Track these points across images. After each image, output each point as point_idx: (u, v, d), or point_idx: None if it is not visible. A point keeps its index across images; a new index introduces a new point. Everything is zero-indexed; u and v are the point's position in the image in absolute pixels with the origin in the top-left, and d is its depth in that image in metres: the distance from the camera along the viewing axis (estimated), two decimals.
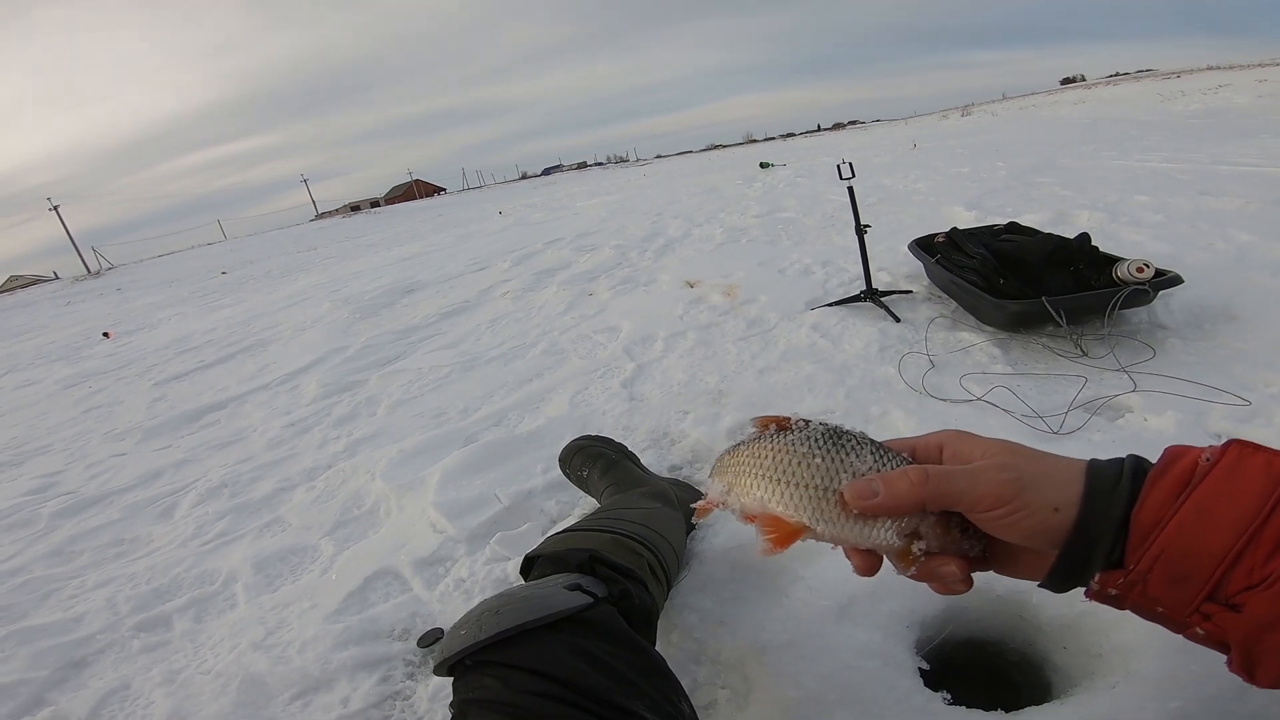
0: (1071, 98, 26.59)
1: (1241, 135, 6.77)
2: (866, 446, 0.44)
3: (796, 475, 0.43)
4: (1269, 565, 0.36)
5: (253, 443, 2.26)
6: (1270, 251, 2.29)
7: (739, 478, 0.45)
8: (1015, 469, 0.41)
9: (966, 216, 3.71)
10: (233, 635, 1.18)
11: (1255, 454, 0.38)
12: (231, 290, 7.90)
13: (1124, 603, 0.41)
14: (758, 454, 0.45)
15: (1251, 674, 0.38)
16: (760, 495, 0.44)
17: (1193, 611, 0.38)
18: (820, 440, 0.44)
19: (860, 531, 0.43)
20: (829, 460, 0.43)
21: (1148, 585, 0.39)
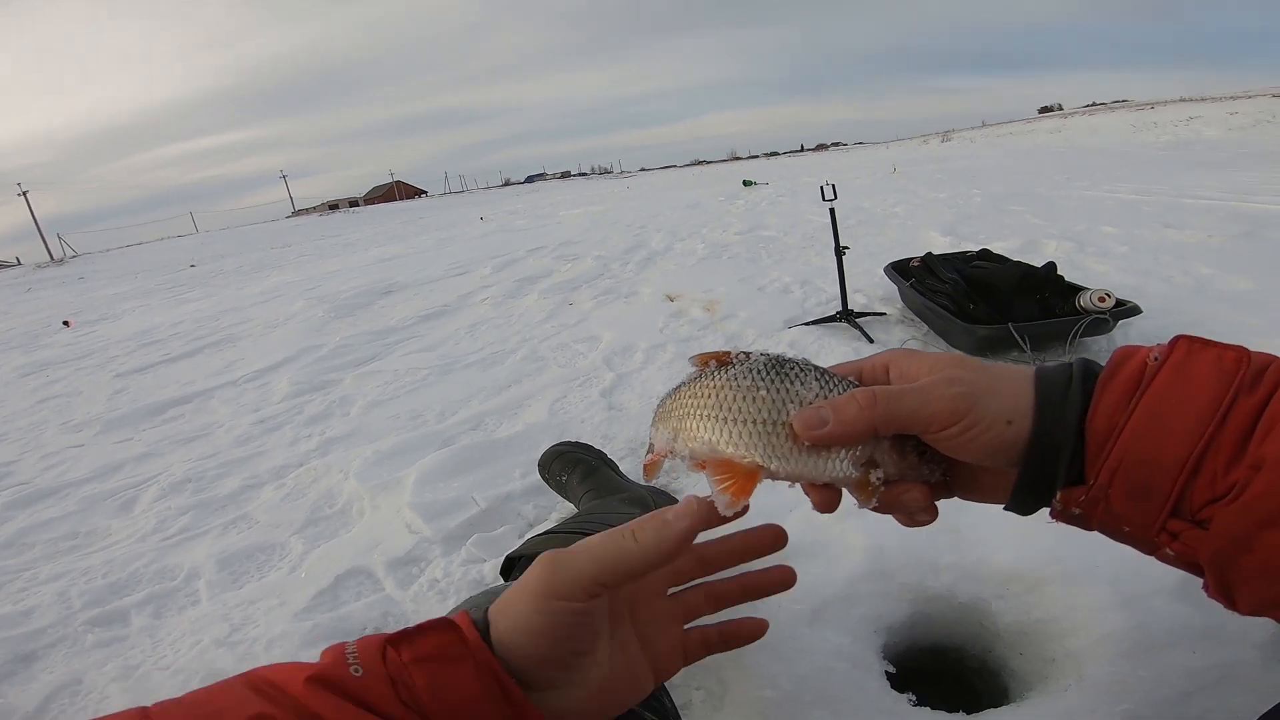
0: (1048, 126, 27.50)
1: (1208, 168, 7.10)
2: (811, 373, 0.41)
3: (742, 411, 0.40)
4: (1231, 473, 0.33)
5: (219, 439, 2.21)
6: (1229, 284, 2.40)
7: (684, 421, 0.42)
8: (964, 382, 0.38)
9: (942, 242, 3.82)
10: (194, 632, 1.16)
11: (1204, 349, 0.36)
12: (200, 284, 7.73)
13: (1090, 522, 0.38)
14: (699, 393, 0.42)
15: (1230, 599, 0.35)
16: (708, 437, 0.40)
17: (1159, 530, 0.35)
18: (763, 372, 0.41)
19: (815, 465, 0.40)
20: (774, 391, 0.40)
21: (1110, 501, 0.36)
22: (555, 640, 0.37)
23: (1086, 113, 36.24)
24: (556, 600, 0.36)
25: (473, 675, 0.36)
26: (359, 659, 0.36)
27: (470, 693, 0.35)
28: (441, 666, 0.36)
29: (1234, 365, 0.34)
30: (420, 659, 0.36)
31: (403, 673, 0.36)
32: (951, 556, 0.96)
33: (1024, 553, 0.91)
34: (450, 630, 0.37)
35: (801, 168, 20.11)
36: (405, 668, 0.36)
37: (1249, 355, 0.35)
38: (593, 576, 0.37)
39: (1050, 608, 0.84)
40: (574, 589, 0.36)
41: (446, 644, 0.36)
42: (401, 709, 0.35)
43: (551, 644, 0.37)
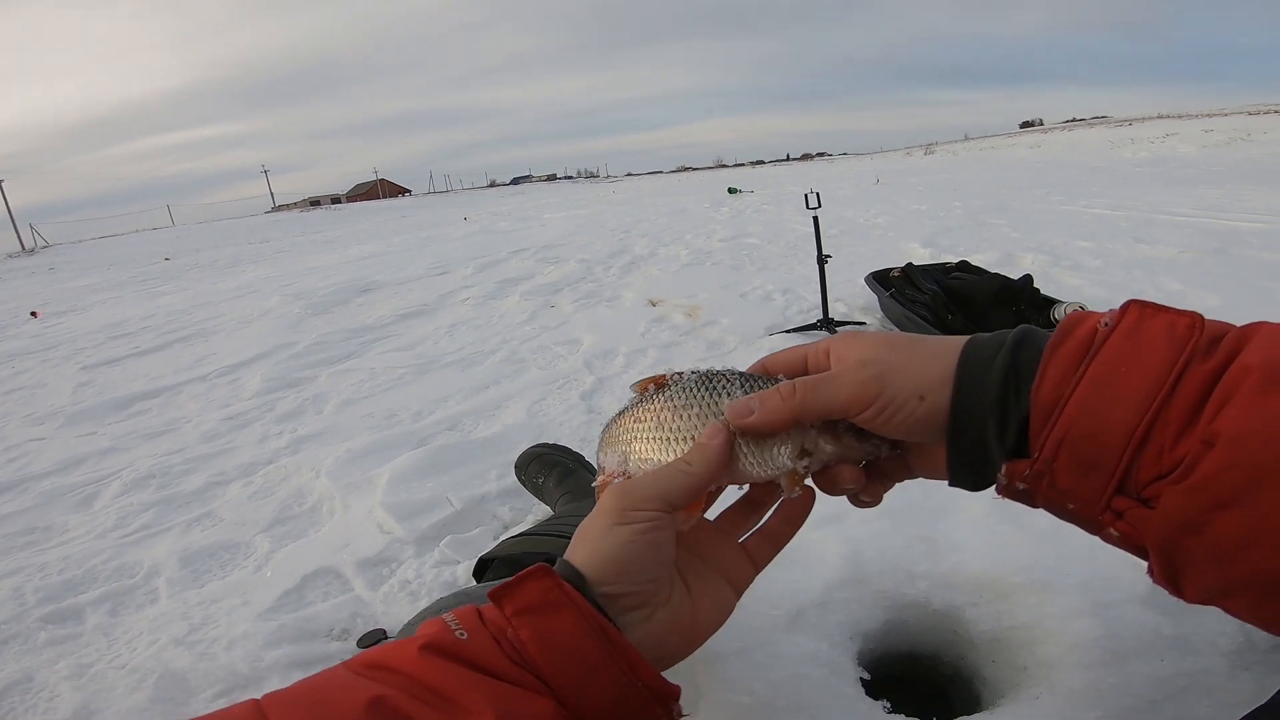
0: (1029, 141, 28.10)
1: (1182, 185, 7.29)
2: (736, 381, 0.44)
3: (680, 428, 0.43)
4: (1178, 447, 0.30)
5: (186, 434, 2.16)
6: (1198, 300, 2.46)
7: (631, 445, 0.45)
8: (876, 364, 0.38)
9: (922, 253, 3.87)
10: (152, 630, 1.12)
11: (1156, 314, 0.34)
12: (174, 277, 7.57)
13: (1035, 498, 0.36)
14: (642, 417, 0.45)
15: (1177, 586, 0.33)
16: (654, 457, 0.44)
17: (1104, 508, 0.33)
18: (694, 388, 0.44)
19: (754, 465, 0.42)
20: (705, 405, 0.43)
21: (1055, 476, 0.34)
22: (637, 549, 0.39)
23: (1066, 128, 37.18)
24: (629, 518, 0.40)
25: (575, 619, 0.37)
26: (460, 623, 0.38)
27: (574, 638, 0.36)
28: (544, 616, 0.37)
29: (1186, 331, 0.32)
30: (522, 610, 0.37)
31: (505, 628, 0.37)
32: (927, 564, 0.97)
33: (998, 560, 0.91)
34: (548, 576, 0.38)
35: (787, 177, 20.30)
36: (508, 622, 0.37)
37: (1203, 321, 0.33)
38: (659, 495, 0.41)
39: (1022, 615, 0.84)
40: (642, 503, 0.40)
41: (547, 590, 0.38)
42: (511, 666, 0.36)
43: (634, 552, 0.39)
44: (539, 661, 0.36)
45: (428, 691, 0.34)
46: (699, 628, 0.43)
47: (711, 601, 0.44)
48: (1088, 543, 1.04)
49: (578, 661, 0.36)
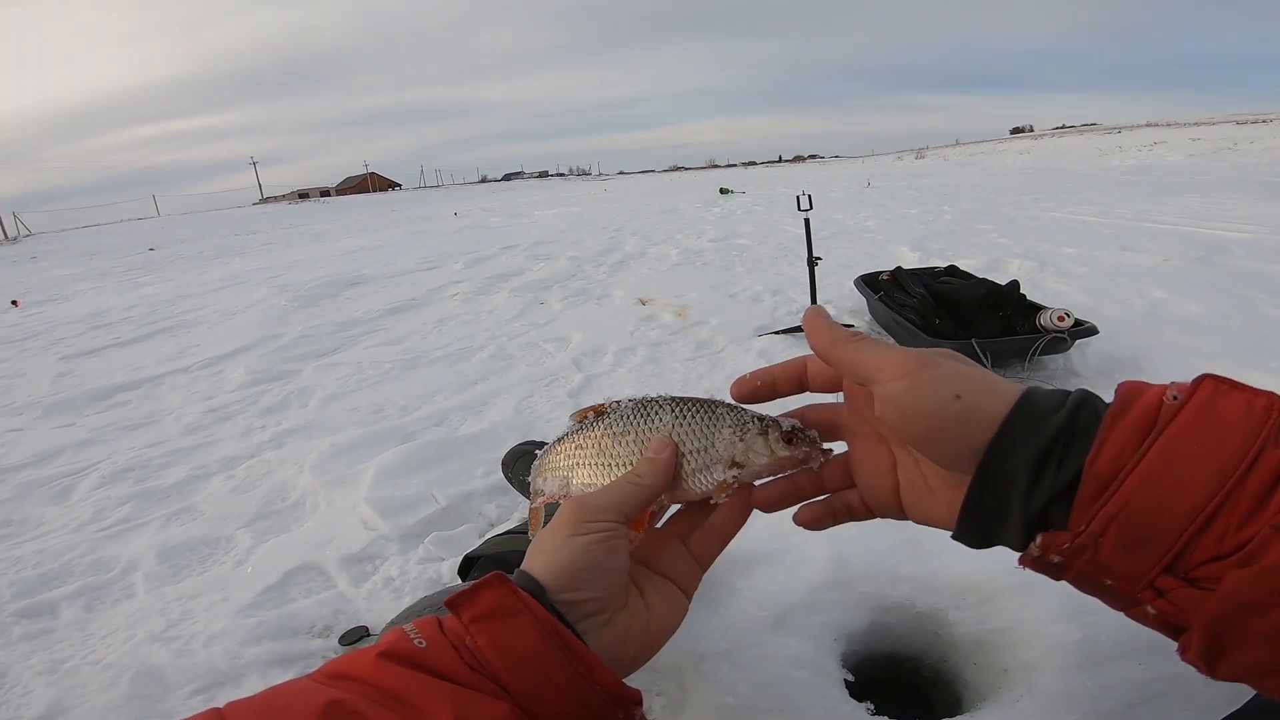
0: (1019, 147, 28.34)
1: (1168, 193, 7.39)
2: (667, 407, 0.46)
3: (619, 454, 0.46)
4: (1245, 529, 0.29)
5: (167, 426, 2.13)
6: (1180, 308, 2.49)
7: (572, 471, 0.48)
8: (934, 354, 0.38)
9: (911, 257, 3.90)
10: (128, 626, 1.10)
11: (1232, 391, 0.32)
12: (158, 268, 7.47)
13: (1066, 572, 0.34)
14: (583, 444, 0.48)
15: (1213, 664, 0.32)
16: (595, 482, 0.47)
17: (1146, 586, 0.32)
18: (630, 415, 0.47)
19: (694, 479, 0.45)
20: (640, 431, 0.46)
21: (1099, 551, 0.32)
22: (594, 558, 0.41)
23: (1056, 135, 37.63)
24: (586, 528, 0.42)
25: (532, 625, 0.37)
26: (419, 633, 0.38)
27: (531, 644, 0.37)
28: (500, 622, 0.37)
29: (1264, 412, 0.31)
30: (478, 618, 0.38)
31: (463, 636, 0.37)
32: (910, 567, 0.97)
33: (980, 563, 0.92)
34: (504, 584, 0.39)
35: (778, 178, 20.37)
36: (465, 630, 0.38)
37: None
38: (614, 505, 0.43)
39: (1004, 618, 0.85)
40: (598, 514, 0.42)
41: (503, 598, 0.38)
42: (469, 673, 0.36)
43: (591, 561, 0.41)
44: (497, 667, 0.36)
45: (386, 696, 0.35)
46: (655, 632, 0.44)
47: (664, 605, 0.45)
48: None
49: (535, 667, 0.36)
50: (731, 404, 0.47)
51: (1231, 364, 1.85)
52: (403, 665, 0.36)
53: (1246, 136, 18.96)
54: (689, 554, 0.48)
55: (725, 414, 0.45)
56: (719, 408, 0.46)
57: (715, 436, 0.45)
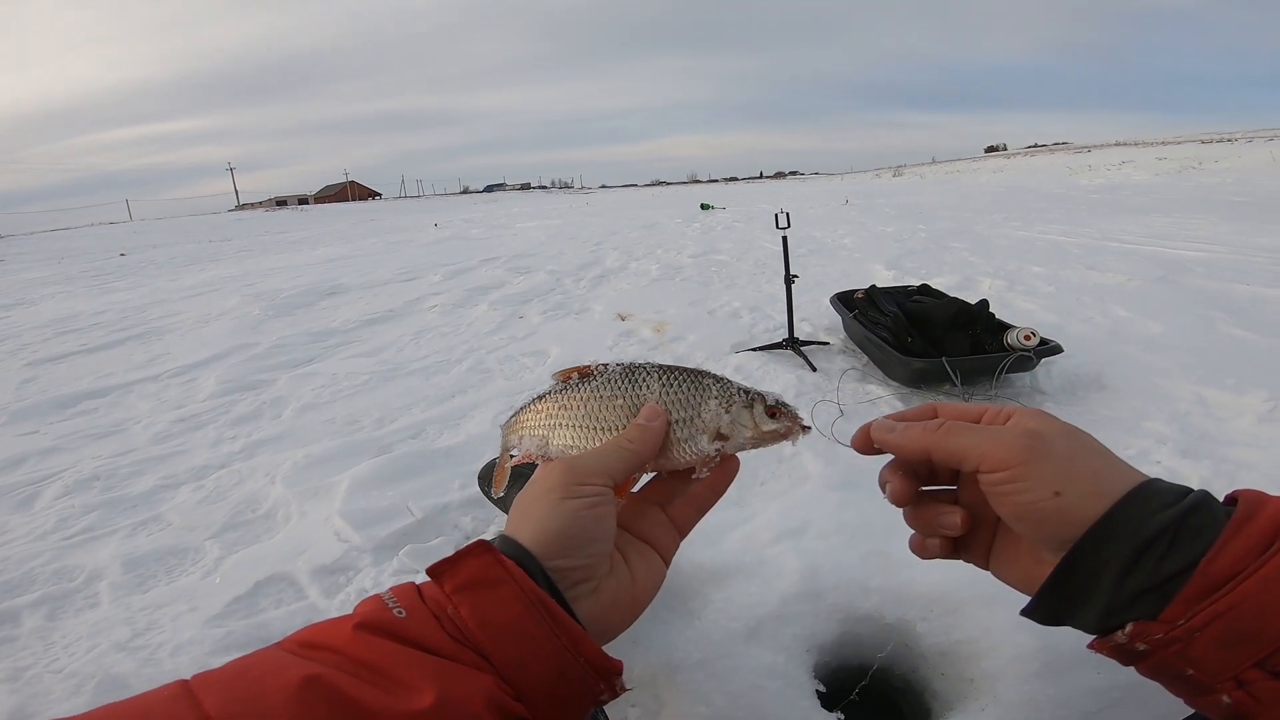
0: (992, 165, 29.02)
1: (1134, 212, 7.62)
2: (654, 375, 0.47)
3: (605, 417, 0.46)
4: None
5: (135, 435, 2.09)
6: (1141, 327, 2.58)
7: (554, 431, 0.47)
8: (1040, 437, 0.38)
9: (886, 275, 3.98)
10: (91, 635, 1.08)
11: None
12: (129, 273, 7.32)
13: (1145, 659, 0.36)
14: (567, 405, 0.47)
15: None
16: (579, 444, 0.46)
17: (1230, 678, 0.33)
18: (619, 380, 0.47)
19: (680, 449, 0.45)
20: (629, 397, 0.46)
21: (1193, 644, 0.33)
22: (585, 523, 0.40)
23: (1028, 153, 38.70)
24: (577, 492, 0.41)
25: (514, 595, 0.36)
26: (399, 601, 0.37)
27: (515, 614, 0.36)
28: (483, 592, 0.36)
29: None
30: (461, 587, 0.37)
31: (445, 605, 0.36)
32: (880, 579, 0.99)
33: (947, 576, 0.94)
34: (488, 552, 0.38)
35: (759, 194, 20.64)
36: (448, 599, 0.36)
37: None
38: (604, 470, 0.43)
39: (969, 629, 0.87)
40: (589, 478, 0.42)
41: (486, 567, 0.37)
42: (451, 643, 0.35)
43: (582, 527, 0.40)
44: (479, 638, 0.35)
45: (364, 669, 0.34)
46: (638, 597, 0.44)
47: (645, 570, 0.45)
48: None
49: (518, 637, 0.36)
50: (717, 375, 0.47)
51: (1189, 381, 1.92)
52: (381, 636, 0.35)
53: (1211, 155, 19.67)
54: (668, 521, 0.48)
55: (712, 385, 0.46)
56: (706, 378, 0.46)
57: (702, 407, 0.45)
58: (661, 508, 0.48)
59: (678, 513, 0.48)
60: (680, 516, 0.48)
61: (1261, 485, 1.20)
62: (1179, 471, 1.44)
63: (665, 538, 0.47)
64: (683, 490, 0.48)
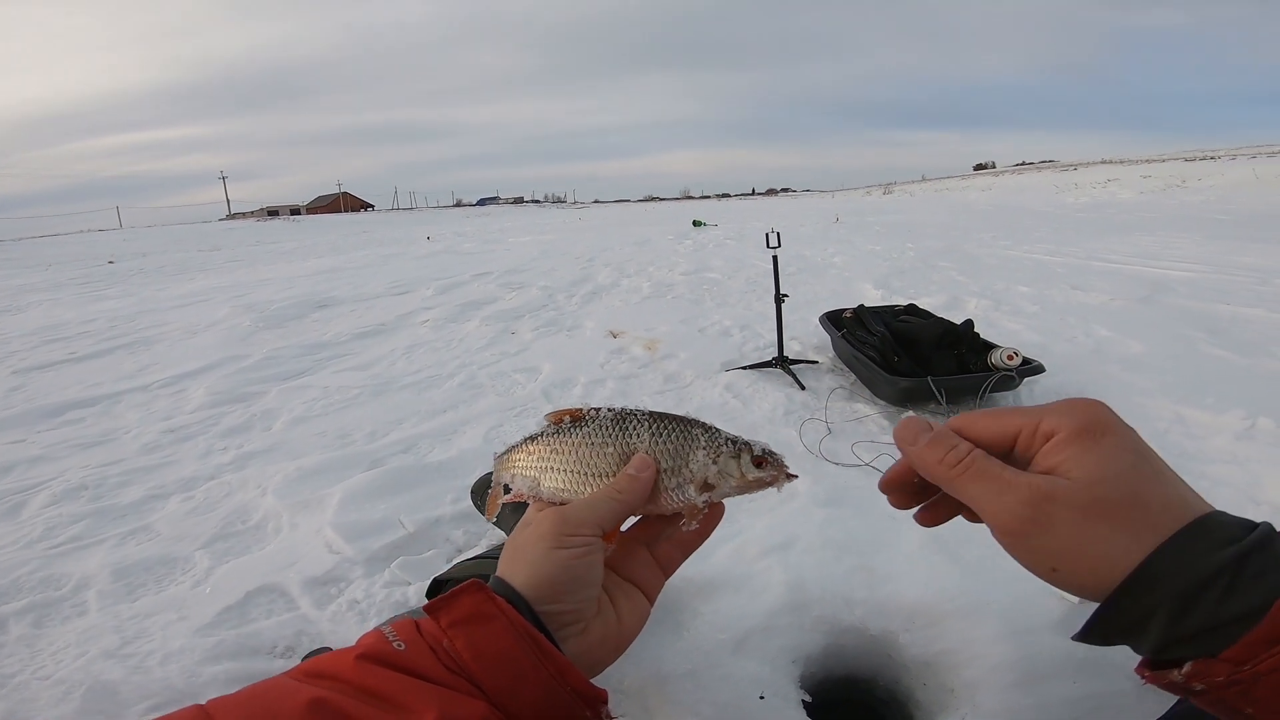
0: (981, 184, 29.41)
1: (1119, 231, 7.77)
2: (645, 423, 0.48)
3: (596, 464, 0.48)
4: None
5: (124, 445, 2.08)
6: (1124, 347, 2.63)
7: (544, 474, 0.49)
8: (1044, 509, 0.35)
9: (874, 294, 4.03)
10: (80, 643, 1.08)
11: None
12: (118, 281, 7.28)
13: (1203, 695, 0.34)
14: (559, 449, 0.49)
15: None
16: (570, 489, 0.48)
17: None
18: (610, 427, 0.48)
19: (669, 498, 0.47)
20: (620, 445, 0.48)
21: (1257, 685, 0.31)
22: (575, 571, 0.43)
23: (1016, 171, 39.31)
24: (567, 542, 0.43)
25: (505, 629, 0.40)
26: (398, 635, 0.40)
27: (505, 646, 0.39)
28: (477, 626, 0.40)
29: None
30: (456, 622, 0.40)
31: (441, 639, 0.40)
32: (864, 592, 1.01)
33: (930, 588, 0.96)
34: (480, 590, 0.41)
35: (751, 211, 20.84)
36: (443, 633, 0.40)
37: None
38: (594, 520, 0.45)
39: (950, 640, 0.89)
40: (579, 528, 0.44)
41: (480, 604, 0.40)
42: (447, 674, 0.38)
43: (572, 575, 0.43)
44: (473, 668, 0.39)
45: (368, 694, 0.36)
46: (623, 636, 0.47)
47: (631, 610, 0.48)
48: (1010, 572, 1.10)
49: (509, 668, 0.39)
50: (706, 425, 0.48)
51: (1170, 401, 1.96)
52: (382, 666, 0.38)
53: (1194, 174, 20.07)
54: (653, 561, 0.50)
55: (700, 436, 0.47)
56: (695, 428, 0.48)
57: (690, 458, 0.47)
58: (648, 548, 0.50)
59: (663, 553, 0.50)
60: (665, 557, 0.50)
61: (1238, 502, 1.24)
62: None
63: (650, 578, 0.50)
64: (669, 531, 0.50)
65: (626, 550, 0.50)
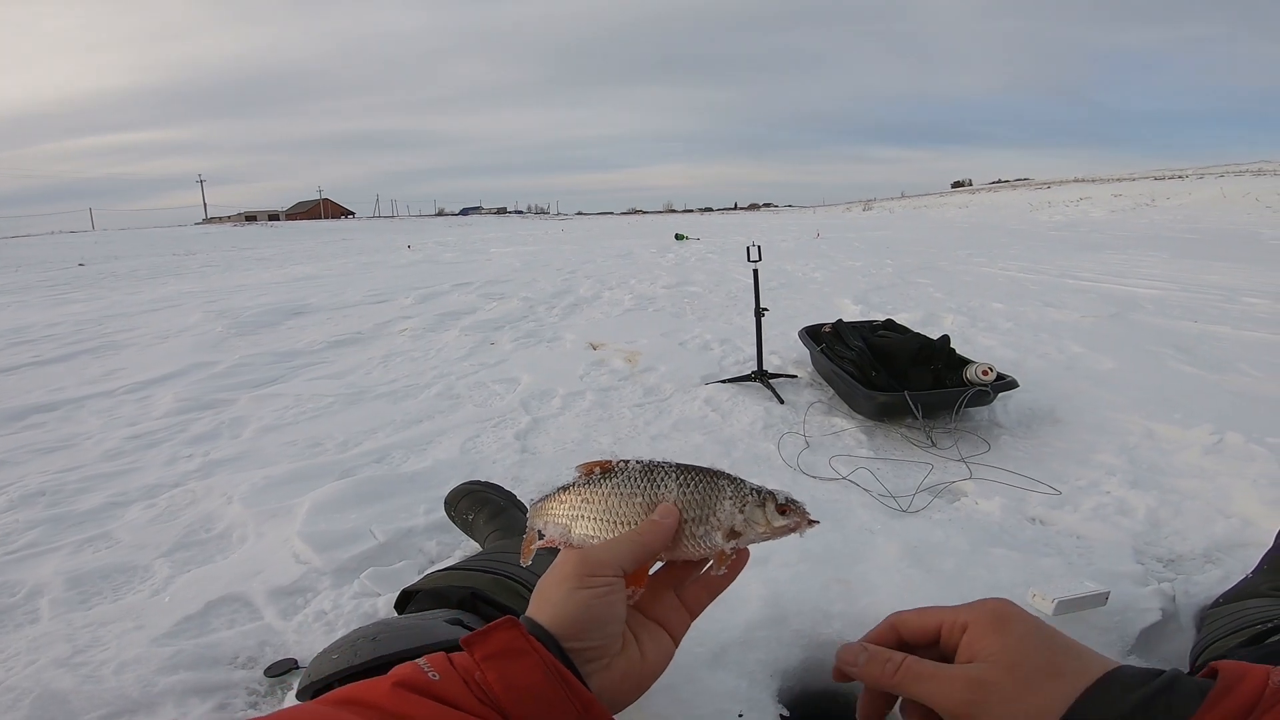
0: (958, 201, 30.02)
1: (1090, 249, 7.95)
2: (673, 475, 0.51)
3: (624, 513, 0.50)
4: None
5: (85, 451, 2.02)
6: (1094, 363, 2.69)
7: (575, 521, 0.52)
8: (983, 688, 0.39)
9: (853, 309, 4.08)
10: (31, 650, 1.04)
11: None
12: (87, 285, 7.12)
13: None
14: (589, 499, 0.52)
15: None
16: (599, 535, 0.50)
17: None
18: (638, 479, 0.51)
19: (694, 545, 0.49)
20: (647, 495, 0.50)
21: None
22: (596, 610, 0.45)
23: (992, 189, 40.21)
24: (589, 582, 0.45)
25: (536, 665, 0.41)
26: (432, 667, 0.41)
27: (535, 681, 0.41)
28: (509, 661, 0.41)
29: None
30: (490, 656, 0.42)
31: (474, 672, 0.41)
32: (842, 605, 1.01)
33: (907, 601, 0.96)
34: (514, 627, 0.43)
35: (733, 226, 21.01)
36: (476, 666, 0.41)
37: None
38: (612, 562, 0.46)
39: None
40: (600, 569, 0.46)
41: (512, 640, 0.42)
42: (479, 705, 0.40)
43: (594, 614, 0.45)
44: (504, 701, 0.40)
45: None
46: (646, 674, 0.48)
47: (655, 650, 0.49)
48: (985, 583, 1.10)
49: (538, 702, 0.40)
50: (732, 476, 0.51)
51: (1140, 416, 2.00)
52: (418, 694, 0.39)
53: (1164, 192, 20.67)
54: (680, 604, 0.52)
55: (726, 486, 0.50)
56: (721, 479, 0.50)
57: (716, 507, 0.49)
58: (675, 590, 0.52)
59: (689, 596, 0.52)
60: (692, 599, 0.52)
61: (1205, 514, 1.25)
62: (1128, 502, 1.50)
63: (676, 619, 0.51)
64: (694, 575, 0.52)
65: (654, 593, 0.51)
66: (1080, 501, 1.52)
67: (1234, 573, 1.19)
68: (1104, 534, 1.38)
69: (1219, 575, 1.18)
